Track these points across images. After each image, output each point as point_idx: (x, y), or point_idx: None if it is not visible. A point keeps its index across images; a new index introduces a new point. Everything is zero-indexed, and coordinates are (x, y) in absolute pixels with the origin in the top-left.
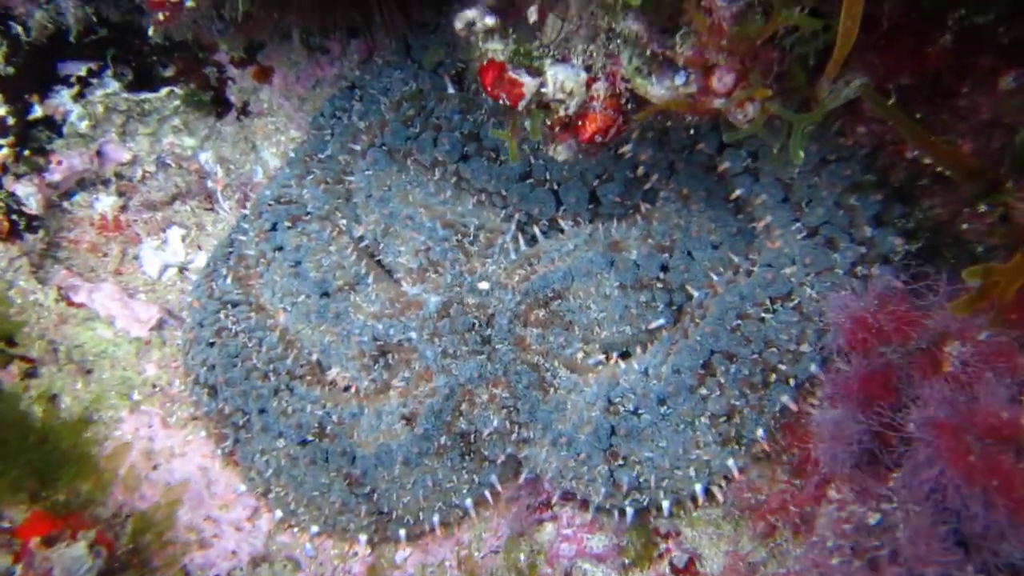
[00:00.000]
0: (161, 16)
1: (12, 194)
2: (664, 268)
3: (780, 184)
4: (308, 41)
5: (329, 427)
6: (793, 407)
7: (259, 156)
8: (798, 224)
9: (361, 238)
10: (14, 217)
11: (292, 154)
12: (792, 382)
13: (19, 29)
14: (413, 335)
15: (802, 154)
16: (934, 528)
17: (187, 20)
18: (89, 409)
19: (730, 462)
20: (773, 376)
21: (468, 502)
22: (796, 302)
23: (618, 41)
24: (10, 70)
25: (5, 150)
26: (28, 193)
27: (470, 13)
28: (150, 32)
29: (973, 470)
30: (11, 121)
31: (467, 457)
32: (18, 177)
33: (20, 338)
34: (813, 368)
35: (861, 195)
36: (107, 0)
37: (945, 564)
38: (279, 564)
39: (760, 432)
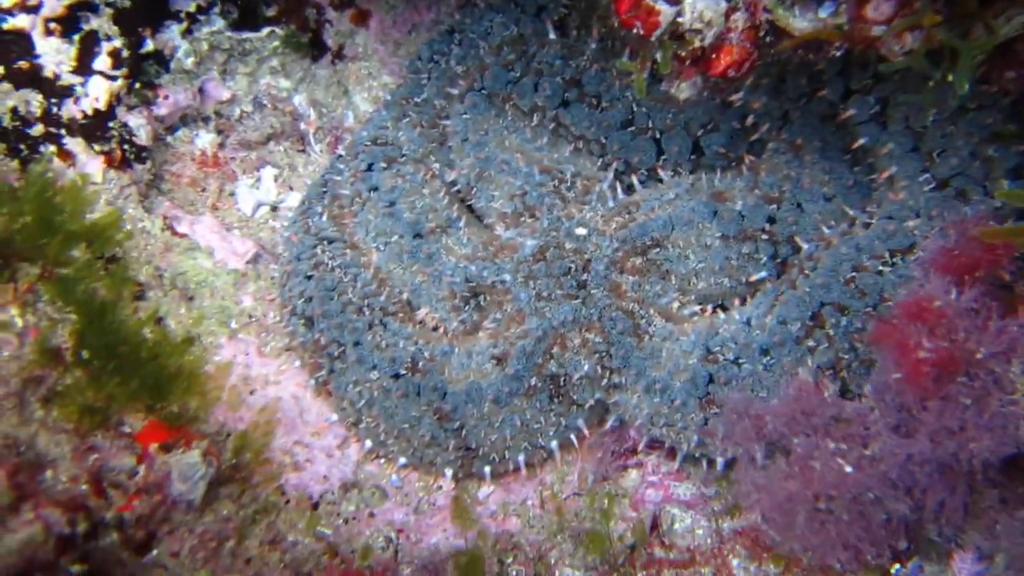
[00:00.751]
0: None
1: (125, 124)
2: (771, 220)
3: (910, 132)
4: None
5: (421, 363)
6: None
7: (351, 100)
8: (927, 175)
9: (454, 182)
10: (125, 147)
11: (389, 97)
12: None
13: None
14: (507, 277)
15: (967, 86)
16: None
17: None
18: (192, 333)
19: None
20: None
21: (554, 444)
22: (918, 256)
23: None
24: (127, 2)
25: (120, 81)
26: (139, 124)
27: None
28: None
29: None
30: (125, 54)
31: (556, 400)
32: (130, 109)
33: (130, 263)
34: None
35: (1001, 145)
36: None
37: None
38: (368, 491)
39: (869, 388)
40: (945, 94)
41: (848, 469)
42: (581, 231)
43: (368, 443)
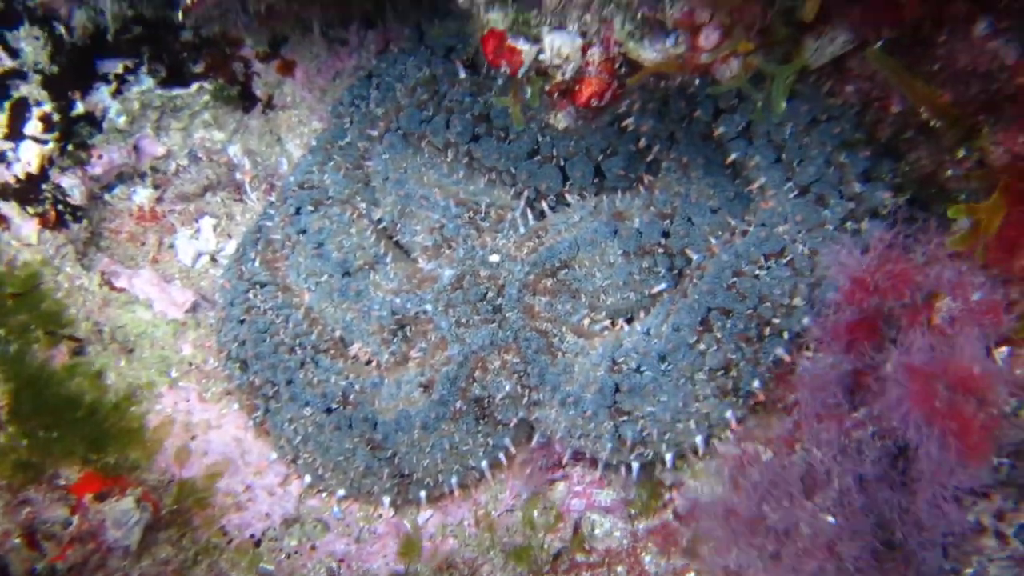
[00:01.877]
0: (189, 1)
1: (58, 186)
2: (665, 234)
3: (773, 145)
4: (328, 33)
5: (352, 396)
6: (787, 358)
7: (284, 148)
8: (790, 183)
9: (379, 220)
10: (60, 207)
11: (314, 142)
12: (786, 335)
13: (62, 29)
14: (429, 307)
15: (784, 104)
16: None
17: (213, 8)
18: (132, 385)
19: (728, 413)
20: (767, 330)
21: (484, 464)
22: (789, 258)
23: (611, 6)
24: (55, 69)
25: (51, 144)
26: (72, 185)
27: None
28: (179, 16)
29: (936, 413)
30: (56, 117)
31: (482, 421)
32: (63, 170)
33: (67, 320)
34: (806, 321)
35: (851, 152)
36: None
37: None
38: (309, 525)
39: (756, 383)
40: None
41: (830, 519)
42: (495, 258)
43: (308, 478)
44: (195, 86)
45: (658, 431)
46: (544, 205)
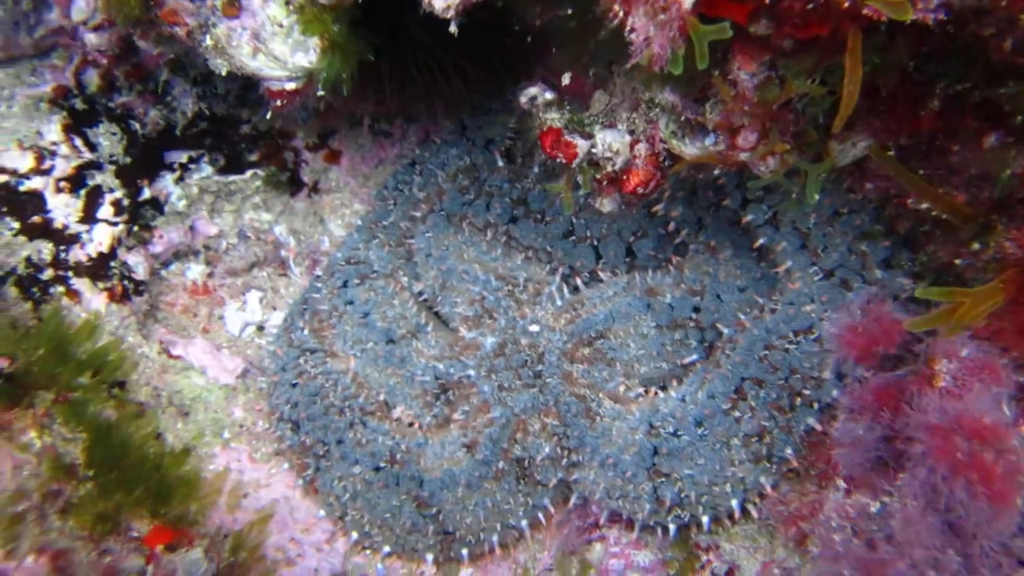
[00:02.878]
0: (279, 103)
1: (124, 263)
2: (696, 309)
3: (798, 233)
4: (374, 127)
5: (399, 455)
6: (818, 427)
7: (326, 228)
8: (815, 267)
9: (421, 293)
10: (125, 282)
11: (360, 222)
12: (816, 405)
13: (137, 125)
14: (472, 372)
15: (816, 196)
16: (924, 516)
17: (295, 107)
18: (188, 445)
19: (763, 479)
20: (799, 400)
21: (524, 523)
22: (816, 335)
23: (656, 110)
24: (128, 160)
25: (121, 226)
26: (137, 262)
27: (533, 89)
28: (268, 116)
29: (959, 465)
30: (126, 203)
31: (522, 481)
32: (129, 249)
33: (130, 385)
34: (834, 393)
35: (871, 242)
36: (216, 97)
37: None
38: None
39: (789, 451)
40: (819, 202)
41: None
42: (534, 328)
43: (354, 535)
44: (249, 173)
45: (696, 493)
46: (578, 281)
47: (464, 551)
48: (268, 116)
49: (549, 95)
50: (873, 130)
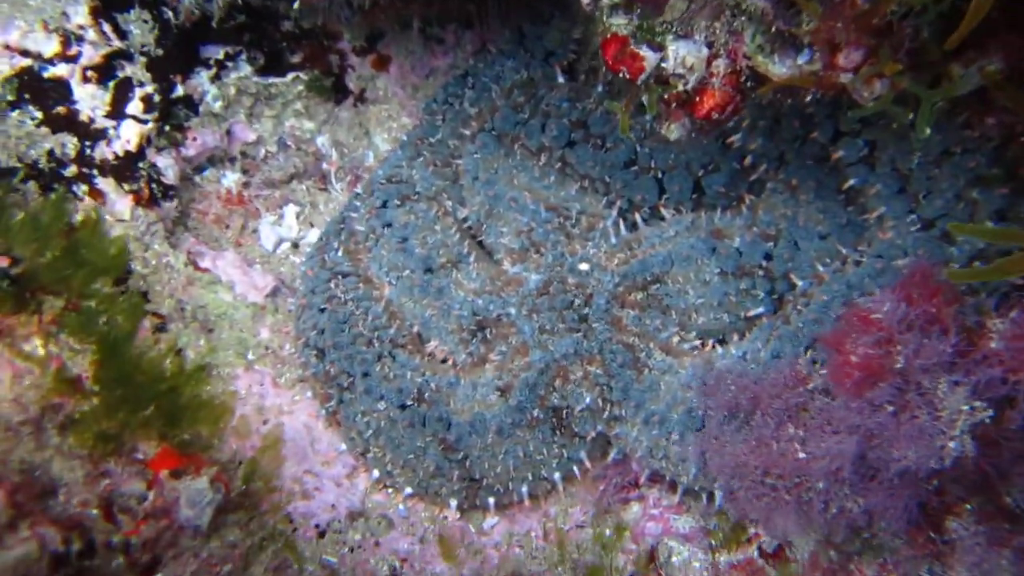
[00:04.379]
0: None
1: (154, 165)
2: (768, 257)
3: (897, 174)
4: (425, 31)
5: (427, 394)
6: None
7: (371, 141)
8: (913, 216)
9: (465, 219)
10: (153, 186)
11: (405, 137)
12: None
13: (170, 14)
14: (512, 310)
15: (928, 130)
16: None
17: (321, 1)
18: (209, 365)
19: None
20: None
21: (557, 476)
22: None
23: (743, 18)
24: (159, 52)
25: (150, 125)
26: (167, 165)
27: None
28: (296, 5)
29: None
30: (157, 99)
31: (558, 432)
32: (159, 150)
33: (153, 295)
34: None
35: (985, 189)
36: None
37: None
38: (374, 521)
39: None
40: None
41: (801, 455)
42: (584, 266)
43: (376, 473)
44: (291, 76)
45: None
46: (637, 217)
47: (491, 499)
48: (296, 5)
49: None
50: (1010, 50)
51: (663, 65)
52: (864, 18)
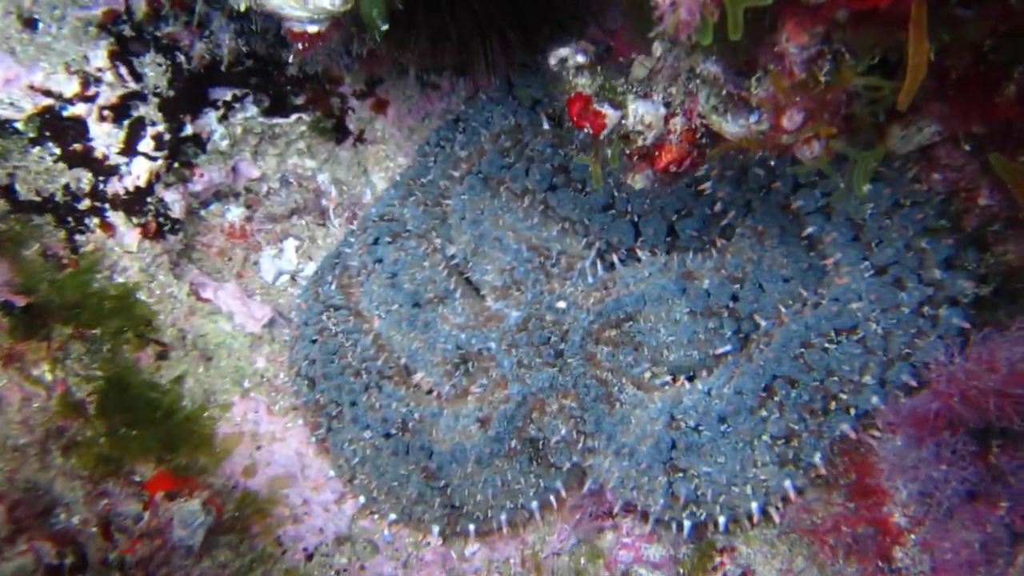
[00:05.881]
0: (300, 46)
1: (161, 200)
2: (734, 298)
3: (851, 224)
4: (422, 78)
5: (411, 423)
6: (852, 435)
7: (369, 179)
8: (867, 263)
9: (452, 256)
10: (161, 219)
11: (398, 177)
12: (852, 411)
13: (182, 58)
14: (492, 345)
15: (866, 187)
16: None
17: (321, 52)
18: (208, 392)
19: (787, 483)
20: (833, 404)
21: (534, 504)
22: (861, 335)
23: (697, 81)
24: (171, 93)
25: (160, 161)
26: (174, 200)
27: (563, 51)
28: (289, 60)
29: None
30: (167, 137)
31: (535, 462)
32: (167, 186)
33: (156, 324)
34: (875, 400)
35: (933, 239)
36: (256, 35)
37: None
38: (360, 545)
39: (818, 456)
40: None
41: None
42: (561, 304)
43: (362, 499)
44: (294, 117)
45: (713, 492)
46: (615, 258)
47: (471, 526)
48: (291, 60)
49: (581, 58)
50: (940, 115)
51: (624, 122)
52: (801, 87)
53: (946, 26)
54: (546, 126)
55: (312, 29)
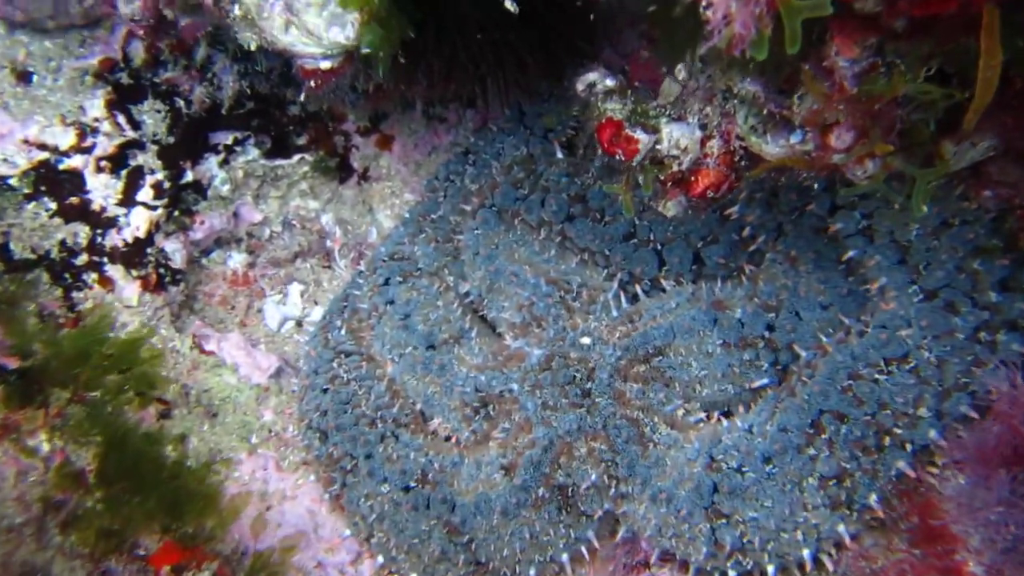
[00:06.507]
0: (312, 84)
1: (162, 250)
2: (770, 327)
3: (896, 246)
4: (428, 111)
5: (431, 474)
6: (911, 473)
7: (375, 218)
8: (915, 287)
9: (467, 294)
10: (161, 271)
11: (407, 214)
12: (909, 447)
13: (182, 103)
14: (515, 387)
15: (925, 208)
16: None
17: (331, 88)
18: (213, 451)
19: (840, 527)
20: (887, 439)
21: (564, 557)
22: (913, 365)
23: (734, 101)
24: (171, 139)
25: (160, 211)
26: (174, 249)
27: (592, 75)
28: (302, 98)
29: None
30: (167, 185)
31: (564, 511)
32: (168, 235)
33: (158, 381)
34: (933, 434)
35: (985, 259)
36: (260, 75)
37: None
38: None
39: (874, 497)
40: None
41: None
42: (586, 340)
43: (380, 559)
44: (297, 157)
45: (760, 539)
46: (638, 289)
47: None
48: (303, 98)
49: (610, 82)
50: (1001, 128)
51: (657, 147)
52: (856, 102)
53: (1020, 33)
54: (560, 155)
55: (325, 65)
